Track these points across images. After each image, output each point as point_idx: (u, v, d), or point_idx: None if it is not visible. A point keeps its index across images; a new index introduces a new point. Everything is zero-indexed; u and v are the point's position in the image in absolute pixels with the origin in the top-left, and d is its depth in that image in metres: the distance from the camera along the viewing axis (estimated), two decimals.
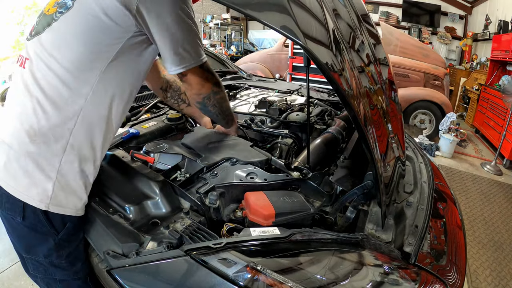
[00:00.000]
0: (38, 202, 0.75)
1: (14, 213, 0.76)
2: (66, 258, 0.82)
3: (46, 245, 0.80)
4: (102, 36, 0.74)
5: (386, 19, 8.56)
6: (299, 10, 0.70)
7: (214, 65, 2.73)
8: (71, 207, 0.79)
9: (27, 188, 0.75)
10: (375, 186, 0.86)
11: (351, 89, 0.77)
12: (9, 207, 0.76)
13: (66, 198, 0.78)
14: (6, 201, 0.76)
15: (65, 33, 0.75)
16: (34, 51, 0.77)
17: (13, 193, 0.75)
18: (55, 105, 0.74)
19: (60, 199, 0.77)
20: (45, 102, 0.74)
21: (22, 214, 0.76)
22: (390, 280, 0.72)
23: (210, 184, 0.94)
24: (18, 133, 0.75)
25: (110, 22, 0.72)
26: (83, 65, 0.74)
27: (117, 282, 0.72)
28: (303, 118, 1.40)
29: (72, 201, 0.80)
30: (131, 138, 1.22)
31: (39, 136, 0.74)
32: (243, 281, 0.64)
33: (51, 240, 0.79)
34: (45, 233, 0.79)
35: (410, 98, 4.45)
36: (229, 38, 9.45)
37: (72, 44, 0.74)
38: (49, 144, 0.75)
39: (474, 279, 1.97)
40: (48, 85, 0.74)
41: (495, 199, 3.06)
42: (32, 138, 0.74)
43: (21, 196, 0.75)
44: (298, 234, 0.78)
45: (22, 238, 0.82)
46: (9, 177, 0.75)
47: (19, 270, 1.75)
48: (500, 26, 5.60)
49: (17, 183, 0.75)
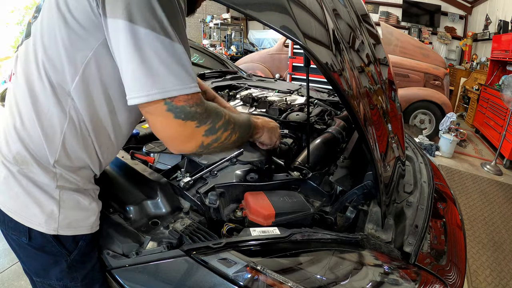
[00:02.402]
0: (46, 227, 0.65)
1: (19, 234, 0.67)
2: (82, 281, 0.73)
3: (58, 267, 0.71)
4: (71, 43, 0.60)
5: (386, 19, 8.56)
6: (299, 10, 0.70)
7: (214, 65, 2.73)
8: (83, 225, 0.70)
9: (30, 211, 0.65)
10: (375, 186, 0.86)
11: (351, 89, 0.77)
12: (13, 227, 0.67)
13: (76, 216, 0.69)
14: (10, 221, 0.67)
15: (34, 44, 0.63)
16: (16, 65, 0.68)
17: (15, 218, 0.66)
18: (36, 125, 0.63)
19: (69, 221, 0.68)
20: (23, 124, 0.64)
21: (27, 235, 0.67)
22: (390, 280, 0.72)
23: (210, 184, 0.94)
24: (7, 153, 0.66)
25: (77, 25, 0.58)
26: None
27: (117, 282, 0.72)
28: (303, 118, 1.40)
29: (84, 218, 0.71)
30: (131, 138, 1.22)
31: (29, 158, 0.65)
32: (243, 281, 0.64)
33: (63, 261, 0.70)
34: (55, 253, 0.69)
35: (410, 98, 4.46)
36: (229, 38, 9.45)
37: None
38: (40, 163, 0.65)
39: (474, 279, 1.97)
40: (25, 105, 0.64)
41: (495, 199, 3.06)
42: (20, 161, 0.65)
43: (25, 221, 0.66)
44: (298, 234, 0.78)
45: (31, 259, 0.73)
46: (9, 199, 0.66)
47: (19, 270, 1.75)
48: (500, 26, 5.61)
49: (18, 206, 0.66)
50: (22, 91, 0.64)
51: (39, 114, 0.63)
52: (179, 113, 0.58)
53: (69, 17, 0.58)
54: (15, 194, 0.65)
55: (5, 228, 0.70)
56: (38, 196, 0.65)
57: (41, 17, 0.63)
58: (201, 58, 2.73)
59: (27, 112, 0.64)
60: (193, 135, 0.62)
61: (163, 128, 0.61)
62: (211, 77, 2.29)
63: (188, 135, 0.62)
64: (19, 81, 0.65)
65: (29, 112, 0.63)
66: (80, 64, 0.60)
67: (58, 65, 0.61)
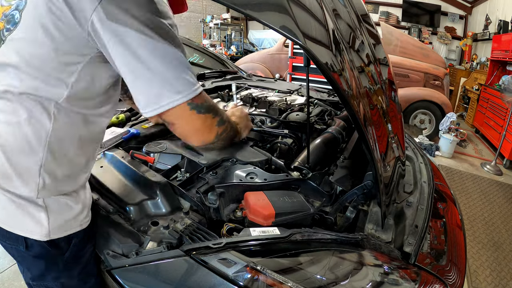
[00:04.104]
0: (39, 235, 0.67)
1: (17, 243, 0.69)
2: (78, 276, 0.75)
3: (55, 267, 0.73)
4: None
5: (386, 19, 8.56)
6: (299, 10, 0.69)
7: (214, 65, 2.73)
8: (73, 224, 0.71)
9: (20, 221, 0.66)
10: (375, 186, 0.86)
11: (351, 89, 0.77)
12: (9, 237, 0.68)
13: (65, 217, 0.70)
14: (6, 232, 0.68)
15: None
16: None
17: (7, 229, 0.67)
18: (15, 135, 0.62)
19: (59, 223, 0.69)
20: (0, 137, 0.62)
21: (24, 244, 0.68)
22: (390, 280, 0.72)
23: (210, 184, 0.94)
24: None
25: (62, 38, 0.57)
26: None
27: (117, 282, 0.72)
28: (303, 118, 1.39)
29: (74, 217, 0.71)
30: (131, 138, 1.22)
31: (9, 171, 0.63)
32: (243, 281, 0.64)
33: (59, 262, 0.72)
34: (51, 256, 0.71)
35: (410, 98, 4.45)
36: (229, 38, 9.45)
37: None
38: (20, 175, 0.64)
39: (474, 279, 1.97)
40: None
41: (495, 199, 3.06)
42: (1, 174, 0.64)
43: (18, 231, 0.67)
44: (298, 234, 0.78)
45: (31, 266, 0.74)
46: (0, 211, 0.66)
47: (19, 270, 1.75)
48: (500, 26, 5.61)
49: (9, 216, 0.66)
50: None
51: (18, 124, 0.61)
52: (200, 108, 0.67)
53: (57, 35, 0.57)
54: (3, 206, 0.65)
55: (2, 239, 0.70)
56: (24, 205, 0.65)
57: (19, 32, 0.59)
58: (201, 58, 2.73)
59: (4, 124, 0.62)
60: (212, 125, 0.72)
61: (191, 124, 0.68)
62: (211, 77, 2.29)
63: (209, 126, 0.71)
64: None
65: (4, 124, 0.62)
66: (68, 78, 0.61)
67: (43, 77, 0.59)
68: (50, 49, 0.58)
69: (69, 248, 0.72)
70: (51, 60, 0.59)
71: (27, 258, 0.71)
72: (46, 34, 0.57)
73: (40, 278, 0.74)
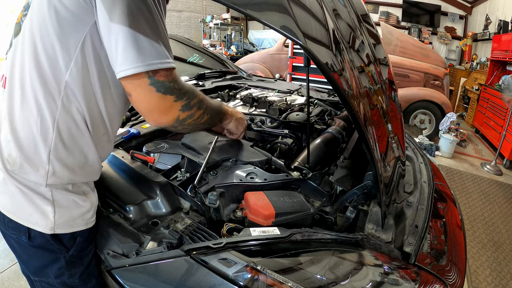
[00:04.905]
0: (43, 227, 0.68)
1: (19, 233, 0.69)
2: (80, 276, 0.76)
3: (57, 264, 0.73)
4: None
5: (386, 19, 8.56)
6: (299, 10, 0.70)
7: (214, 65, 2.73)
8: (79, 222, 0.72)
9: (26, 211, 0.67)
10: (375, 186, 0.86)
11: (351, 89, 0.77)
12: (13, 226, 0.69)
13: (71, 214, 0.70)
14: (9, 221, 0.69)
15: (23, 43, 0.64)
16: (6, 67, 0.69)
17: (13, 218, 0.68)
18: (26, 121, 0.65)
19: (65, 219, 0.69)
20: (12, 124, 0.65)
21: (27, 234, 0.69)
22: (390, 280, 0.72)
23: (210, 184, 0.94)
24: (1, 156, 0.67)
25: (67, 13, 0.60)
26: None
27: (117, 282, 0.72)
28: (303, 118, 1.40)
29: (80, 215, 0.72)
30: (131, 138, 1.22)
31: (20, 158, 0.66)
32: (243, 281, 0.64)
33: (61, 258, 0.72)
34: (54, 251, 0.71)
35: (410, 98, 4.46)
36: (229, 38, 9.45)
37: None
38: (31, 162, 0.66)
39: (474, 279, 1.97)
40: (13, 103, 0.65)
41: (495, 199, 3.06)
42: (12, 162, 0.66)
43: (23, 221, 0.68)
44: (298, 234, 0.78)
45: (30, 258, 0.74)
46: (6, 200, 0.68)
47: (19, 270, 1.74)
48: (500, 26, 5.61)
49: (15, 206, 0.68)
50: (12, 90, 0.66)
51: (29, 110, 0.64)
52: (160, 87, 0.63)
53: (59, 6, 0.60)
54: (11, 195, 0.67)
55: (5, 228, 0.71)
56: (32, 196, 0.67)
57: (30, 13, 0.64)
58: (201, 58, 2.73)
59: (17, 110, 0.65)
60: (171, 108, 0.68)
61: (145, 100, 0.65)
62: (211, 77, 2.29)
63: (167, 108, 0.67)
64: (11, 82, 0.66)
65: (18, 111, 0.65)
66: (73, 50, 0.62)
67: (51, 54, 0.62)
68: (54, 20, 0.60)
69: (73, 245, 0.73)
70: (55, 31, 0.61)
71: (28, 249, 0.72)
72: (49, 6, 0.60)
73: (41, 271, 0.75)
